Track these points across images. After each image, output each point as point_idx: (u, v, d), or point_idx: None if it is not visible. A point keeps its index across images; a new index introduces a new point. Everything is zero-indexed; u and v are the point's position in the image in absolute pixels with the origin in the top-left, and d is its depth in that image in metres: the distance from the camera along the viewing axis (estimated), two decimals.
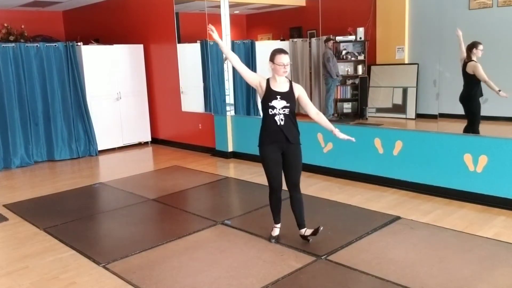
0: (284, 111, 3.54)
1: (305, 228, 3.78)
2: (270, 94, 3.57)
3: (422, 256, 3.45)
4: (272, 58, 3.56)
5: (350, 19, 8.20)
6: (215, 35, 3.77)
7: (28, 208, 5.09)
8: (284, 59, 3.52)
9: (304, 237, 3.77)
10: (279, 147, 3.61)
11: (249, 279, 3.19)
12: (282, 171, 3.70)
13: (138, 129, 8.48)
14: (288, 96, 3.56)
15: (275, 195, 3.75)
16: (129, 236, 4.16)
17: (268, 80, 3.62)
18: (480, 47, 5.23)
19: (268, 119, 3.58)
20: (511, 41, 6.06)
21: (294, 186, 3.70)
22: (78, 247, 3.89)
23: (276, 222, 3.86)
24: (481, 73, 5.20)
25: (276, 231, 3.87)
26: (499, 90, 5.18)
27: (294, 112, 3.61)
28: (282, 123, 3.54)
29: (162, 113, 8.51)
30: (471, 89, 5.36)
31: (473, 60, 5.26)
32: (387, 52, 7.81)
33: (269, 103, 3.55)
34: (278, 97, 3.54)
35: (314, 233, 3.72)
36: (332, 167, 5.76)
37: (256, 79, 3.68)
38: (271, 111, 3.55)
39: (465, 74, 5.36)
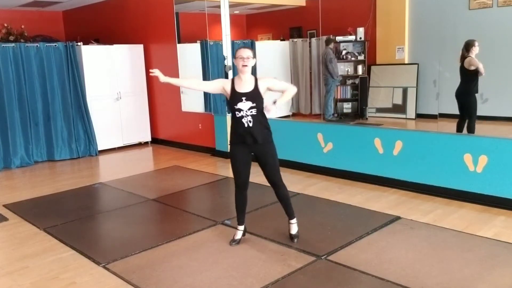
0: (251, 112, 3.48)
1: (295, 219, 3.77)
2: (235, 97, 3.51)
3: (422, 256, 3.45)
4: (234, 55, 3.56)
5: (350, 19, 8.19)
6: (162, 78, 3.62)
7: (28, 208, 5.09)
8: (243, 52, 3.48)
9: (289, 232, 3.79)
10: (248, 148, 3.58)
11: (249, 279, 3.19)
12: (262, 170, 3.67)
13: (138, 129, 8.48)
14: (254, 95, 3.50)
15: (239, 192, 3.72)
16: (129, 236, 4.16)
17: (233, 81, 3.58)
18: (476, 43, 5.38)
19: (236, 121, 3.54)
20: (511, 41, 6.06)
21: (274, 184, 3.67)
22: (78, 247, 3.89)
23: (239, 223, 3.82)
24: (475, 61, 5.35)
25: (238, 234, 3.81)
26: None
27: (262, 111, 3.54)
28: (250, 124, 3.49)
29: (162, 113, 8.51)
30: (468, 84, 5.47)
31: (469, 56, 5.38)
32: (387, 52, 7.80)
33: (235, 106, 3.49)
34: (243, 98, 3.48)
35: (290, 237, 3.77)
36: (332, 167, 5.76)
37: (218, 85, 3.65)
38: (238, 114, 3.50)
39: (463, 70, 5.48)
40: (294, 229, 3.78)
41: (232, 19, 7.15)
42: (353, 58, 8.31)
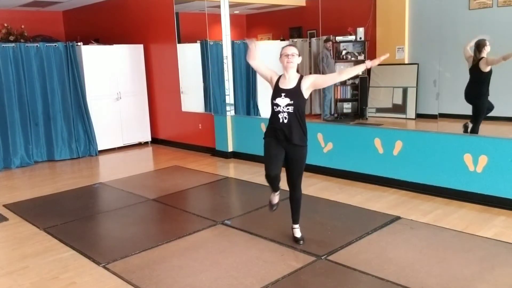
0: (288, 109, 3.48)
1: (298, 225, 3.78)
2: (276, 91, 3.55)
3: (422, 256, 3.45)
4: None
5: (350, 19, 8.20)
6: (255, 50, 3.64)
7: (28, 208, 5.09)
8: (288, 50, 3.50)
9: (293, 236, 3.79)
10: (281, 144, 3.58)
11: (249, 279, 3.19)
12: (286, 169, 3.67)
13: (138, 129, 8.48)
14: (294, 93, 3.49)
15: (269, 178, 3.67)
16: (129, 236, 4.16)
17: (279, 77, 3.61)
18: (488, 42, 5.27)
19: (273, 115, 3.57)
20: (511, 41, 6.06)
21: (292, 185, 3.70)
22: (78, 247, 3.88)
23: (275, 190, 3.80)
24: (492, 59, 5.21)
25: (275, 199, 3.83)
26: None
27: (301, 110, 3.53)
28: (285, 121, 3.49)
29: (162, 113, 8.51)
30: (481, 86, 5.37)
31: (483, 57, 5.27)
32: (387, 52, 7.80)
33: (274, 101, 3.54)
34: (283, 94, 3.50)
35: (295, 240, 3.76)
36: (332, 167, 5.75)
37: (269, 73, 3.66)
38: (275, 108, 3.54)
39: (476, 72, 5.34)
40: (298, 233, 3.79)
41: (232, 19, 7.16)
42: (353, 58, 8.31)
